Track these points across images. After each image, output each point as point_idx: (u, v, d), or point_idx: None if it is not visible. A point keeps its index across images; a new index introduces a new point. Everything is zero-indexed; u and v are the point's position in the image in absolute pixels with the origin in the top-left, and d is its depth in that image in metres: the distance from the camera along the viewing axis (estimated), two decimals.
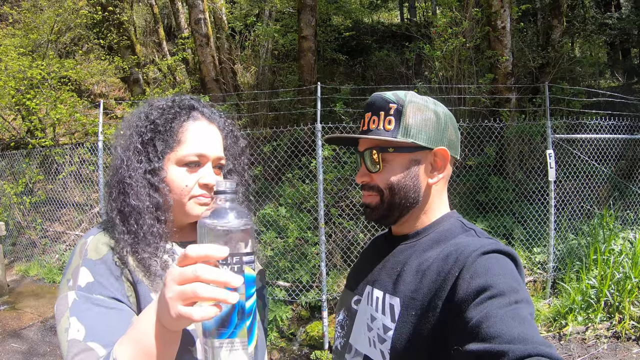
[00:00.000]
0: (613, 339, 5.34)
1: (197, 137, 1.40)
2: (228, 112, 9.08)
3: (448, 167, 1.39)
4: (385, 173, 1.35)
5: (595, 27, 13.97)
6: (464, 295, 1.09)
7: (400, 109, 1.34)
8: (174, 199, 1.38)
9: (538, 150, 7.80)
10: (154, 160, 1.35)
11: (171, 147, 1.37)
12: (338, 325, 1.51)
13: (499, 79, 8.98)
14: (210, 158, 1.41)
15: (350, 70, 14.82)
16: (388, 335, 1.25)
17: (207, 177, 1.40)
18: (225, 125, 1.55)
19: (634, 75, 13.97)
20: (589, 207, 7.37)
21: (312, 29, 10.31)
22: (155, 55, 14.79)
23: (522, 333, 0.94)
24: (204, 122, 1.45)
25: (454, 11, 9.20)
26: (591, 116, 7.67)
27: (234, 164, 1.58)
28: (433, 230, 1.37)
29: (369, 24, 18.63)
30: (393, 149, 1.34)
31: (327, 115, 9.00)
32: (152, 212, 1.34)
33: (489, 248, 1.17)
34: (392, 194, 1.34)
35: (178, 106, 1.43)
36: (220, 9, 11.95)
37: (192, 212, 1.40)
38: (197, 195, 1.39)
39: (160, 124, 1.38)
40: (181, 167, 1.37)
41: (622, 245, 6.16)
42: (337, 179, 7.69)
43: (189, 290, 0.89)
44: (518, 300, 1.04)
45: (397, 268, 1.34)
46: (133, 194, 1.33)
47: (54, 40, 12.33)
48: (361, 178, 1.40)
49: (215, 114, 1.53)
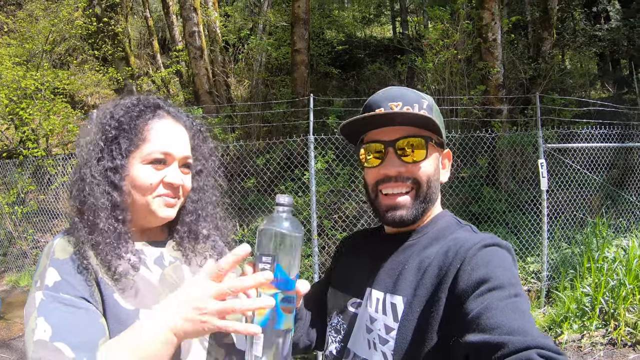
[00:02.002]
0: (609, 345, 5.32)
1: (163, 135, 1.38)
2: (221, 125, 9.09)
3: (449, 169, 1.42)
4: (426, 164, 1.31)
5: (585, 39, 14.15)
6: (465, 287, 1.09)
7: (431, 106, 1.35)
8: (139, 198, 1.36)
9: (530, 161, 7.83)
10: (117, 158, 1.32)
11: (136, 145, 1.35)
12: (332, 329, 1.45)
13: (490, 90, 9.04)
14: (176, 157, 1.39)
15: (343, 84, 14.90)
16: (391, 335, 1.22)
17: (171, 176, 1.38)
18: (193, 124, 1.53)
19: (624, 85, 14.09)
20: (582, 215, 7.37)
21: (305, 42, 10.38)
22: (150, 67, 14.83)
23: (522, 325, 0.96)
24: (170, 120, 1.43)
25: (445, 24, 9.28)
26: (582, 125, 7.71)
27: (203, 164, 1.56)
28: (431, 229, 1.36)
29: (362, 38, 18.80)
30: (434, 140, 1.33)
31: (319, 128, 9.02)
32: (109, 210, 1.31)
33: (489, 241, 1.19)
34: (429, 186, 1.31)
35: (143, 104, 1.41)
36: (214, 22, 12.01)
37: (159, 213, 1.38)
38: (162, 194, 1.37)
39: (125, 122, 1.36)
40: (146, 165, 1.35)
41: (616, 253, 6.15)
42: (330, 191, 7.68)
43: (229, 306, 1.03)
44: (517, 293, 1.05)
45: (397, 268, 1.31)
46: (91, 192, 1.30)
47: (49, 50, 12.32)
48: (396, 169, 1.29)
49: (182, 113, 1.51)
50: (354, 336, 1.36)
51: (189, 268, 1.49)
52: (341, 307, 1.44)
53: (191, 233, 1.52)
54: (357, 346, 1.33)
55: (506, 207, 7.61)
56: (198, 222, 1.54)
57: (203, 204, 1.55)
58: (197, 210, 1.53)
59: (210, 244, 1.60)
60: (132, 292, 1.30)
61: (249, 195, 8.31)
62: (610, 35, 14.01)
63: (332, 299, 1.51)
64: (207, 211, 1.57)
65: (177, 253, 1.50)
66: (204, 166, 1.56)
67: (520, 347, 0.90)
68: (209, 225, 1.58)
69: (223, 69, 11.55)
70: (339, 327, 1.42)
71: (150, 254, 1.42)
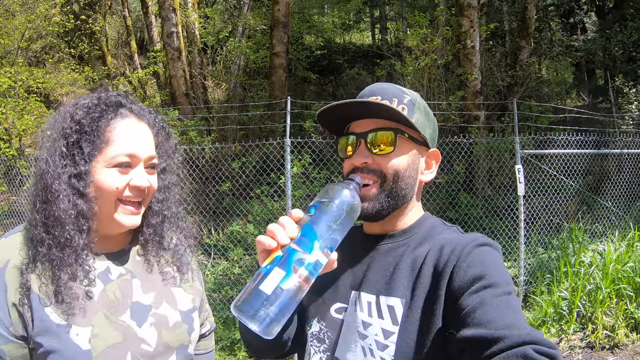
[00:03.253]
0: (587, 349, 5.37)
1: (127, 136, 1.32)
2: (197, 127, 8.95)
3: (435, 170, 1.39)
4: (394, 157, 1.27)
5: (561, 49, 14.40)
6: (460, 284, 1.10)
7: (414, 102, 1.32)
8: (103, 205, 1.29)
9: (507, 167, 7.87)
10: (80, 164, 1.25)
11: (99, 148, 1.28)
12: (314, 339, 1.34)
13: (468, 97, 9.09)
14: (141, 158, 1.32)
15: (321, 89, 14.92)
16: (391, 340, 1.17)
17: (138, 179, 1.31)
18: (156, 121, 1.45)
19: (599, 94, 14.36)
20: (558, 221, 7.42)
21: (284, 46, 10.33)
22: (127, 67, 14.61)
23: (515, 321, 0.98)
24: (133, 119, 1.36)
25: (425, 29, 9.30)
26: (559, 132, 7.78)
27: (167, 162, 1.49)
28: (419, 229, 1.34)
29: (341, 43, 18.86)
30: (408, 134, 1.29)
31: (296, 132, 8.94)
32: (74, 221, 1.25)
33: (482, 241, 1.20)
34: (396, 181, 1.27)
35: (104, 104, 1.34)
36: (193, 24, 11.89)
37: (121, 222, 1.32)
38: (126, 197, 1.30)
39: (86, 124, 1.28)
40: (111, 169, 1.28)
41: (592, 257, 6.23)
42: (306, 195, 7.58)
43: None
44: (510, 291, 1.08)
45: (388, 268, 1.27)
46: (56, 203, 1.23)
47: (25, 47, 12.04)
48: (362, 159, 1.27)
49: (145, 110, 1.43)
50: (342, 344, 1.27)
51: (140, 282, 1.41)
52: (323, 314, 1.35)
53: (156, 235, 1.45)
54: (347, 354, 1.24)
55: (483, 213, 7.62)
56: (163, 223, 1.47)
57: (169, 204, 1.49)
58: (162, 211, 1.47)
59: (174, 249, 1.52)
60: (68, 306, 1.23)
61: (224, 198, 8.17)
62: (586, 46, 14.28)
63: (311, 306, 1.40)
64: (172, 211, 1.50)
65: (132, 265, 1.43)
66: (168, 164, 1.49)
67: (516, 341, 0.92)
68: (173, 226, 1.51)
69: (201, 71, 11.43)
70: (323, 336, 1.32)
71: (97, 267, 1.35)
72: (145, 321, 1.36)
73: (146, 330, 1.34)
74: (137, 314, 1.35)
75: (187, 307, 1.49)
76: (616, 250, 6.15)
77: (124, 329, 1.30)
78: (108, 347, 1.25)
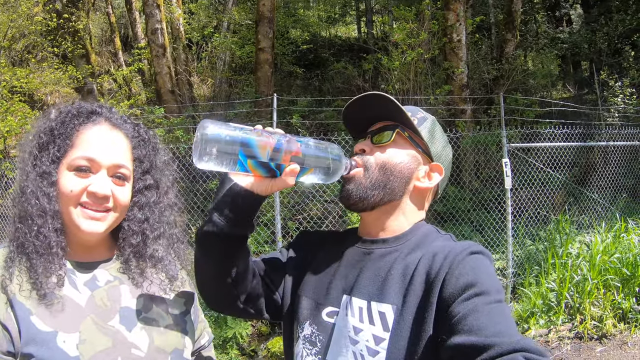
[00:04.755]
0: (576, 339, 5.44)
1: (91, 141, 1.30)
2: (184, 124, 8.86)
3: (435, 184, 1.39)
4: (387, 149, 1.34)
5: (547, 41, 14.47)
6: (452, 291, 1.10)
7: (426, 118, 1.41)
8: (63, 208, 1.27)
9: (494, 160, 7.90)
10: (44, 164, 1.27)
11: (64, 151, 1.29)
12: (306, 342, 1.33)
13: (454, 90, 9.10)
14: (102, 165, 1.29)
15: (307, 84, 14.87)
16: (382, 346, 1.17)
17: (96, 185, 1.27)
18: (139, 134, 1.41)
19: (585, 86, 14.45)
20: (545, 213, 7.48)
21: (269, 41, 10.26)
22: (111, 65, 14.44)
23: (507, 328, 0.99)
24: (105, 126, 1.34)
25: (411, 24, 9.29)
26: (545, 125, 7.82)
27: (154, 178, 1.43)
28: (412, 236, 1.34)
29: (327, 37, 18.80)
30: (408, 134, 1.35)
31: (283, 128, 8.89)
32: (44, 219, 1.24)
33: (474, 249, 1.20)
34: (382, 172, 1.31)
35: (78, 110, 1.35)
36: (178, 20, 11.79)
37: (81, 226, 1.27)
38: (84, 204, 1.27)
39: (56, 128, 1.31)
40: (70, 172, 1.28)
41: (579, 249, 6.29)
42: (294, 191, 7.55)
43: None
44: (501, 299, 1.08)
45: (380, 274, 1.27)
46: (26, 200, 1.25)
47: (7, 47, 11.85)
48: (360, 145, 1.37)
49: (128, 122, 1.40)
50: (334, 348, 1.27)
51: (129, 288, 1.37)
52: (314, 317, 1.34)
53: (137, 256, 1.40)
54: (339, 359, 1.24)
55: (470, 206, 7.65)
56: (146, 244, 1.41)
57: (153, 224, 1.42)
58: (144, 231, 1.40)
59: (163, 267, 1.45)
60: (53, 313, 1.20)
61: (212, 197, 8.10)
62: (571, 38, 14.35)
63: (304, 308, 1.39)
64: (160, 232, 1.43)
65: (119, 273, 1.39)
66: (155, 181, 1.43)
67: (507, 349, 0.92)
68: (162, 248, 1.44)
69: (186, 68, 11.33)
70: (314, 339, 1.31)
71: (82, 275, 1.32)
72: (135, 325, 1.32)
73: (137, 335, 1.31)
74: (126, 318, 1.32)
75: (178, 310, 1.46)
76: (603, 241, 6.21)
77: (113, 334, 1.27)
78: (97, 353, 1.22)
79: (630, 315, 5.55)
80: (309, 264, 1.48)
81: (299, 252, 1.53)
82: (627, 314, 5.56)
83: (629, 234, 6.48)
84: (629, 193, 8.41)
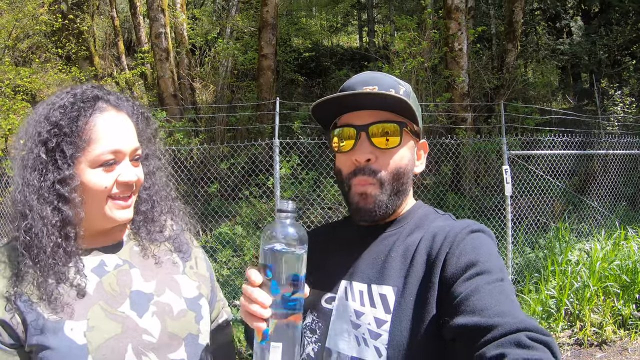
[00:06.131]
0: (576, 346, 5.41)
1: (109, 131, 1.25)
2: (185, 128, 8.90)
3: (424, 161, 1.38)
4: (397, 152, 1.25)
5: (547, 52, 14.54)
6: (453, 271, 1.10)
7: (409, 93, 1.30)
8: (93, 205, 1.25)
9: (494, 167, 7.92)
10: (63, 168, 1.20)
11: (81, 148, 1.22)
12: (307, 330, 1.32)
13: (455, 99, 9.14)
14: (126, 153, 1.28)
15: (309, 91, 14.93)
16: (384, 328, 1.16)
17: (125, 174, 1.27)
18: (135, 109, 1.40)
19: (585, 97, 14.51)
20: (545, 220, 7.48)
21: (272, 47, 10.32)
22: (114, 68, 14.51)
23: (509, 308, 0.98)
24: (112, 112, 1.30)
25: (412, 32, 9.35)
26: (545, 133, 7.84)
27: (149, 148, 1.45)
28: (411, 218, 1.32)
29: (329, 46, 18.90)
30: (409, 128, 1.27)
31: (284, 134, 8.93)
32: (59, 230, 1.20)
33: (475, 227, 1.19)
34: (397, 178, 1.25)
35: (81, 100, 1.27)
36: (181, 25, 11.85)
37: (114, 216, 1.28)
38: (115, 195, 1.27)
39: (65, 125, 1.22)
40: (96, 169, 1.23)
41: (579, 256, 6.28)
42: (294, 196, 7.57)
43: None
44: (504, 278, 1.07)
45: (380, 257, 1.26)
46: (39, 214, 1.18)
47: (12, 46, 11.86)
48: (365, 155, 1.22)
49: (122, 99, 1.38)
50: (332, 334, 1.26)
51: (140, 271, 1.36)
52: (314, 305, 1.33)
53: (147, 221, 1.42)
54: (340, 344, 1.23)
55: (470, 213, 7.65)
56: (154, 208, 1.44)
57: (156, 189, 1.45)
58: (151, 197, 1.44)
59: (168, 232, 1.48)
60: (59, 302, 1.19)
61: (212, 200, 8.12)
62: (572, 50, 14.44)
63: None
64: (160, 195, 1.47)
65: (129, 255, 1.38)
66: (150, 149, 1.45)
67: (509, 329, 0.92)
68: (164, 210, 1.47)
69: (189, 72, 11.37)
70: (314, 327, 1.31)
71: (89, 262, 1.29)
72: (147, 311, 1.29)
73: (148, 320, 1.28)
74: (137, 303, 1.29)
75: (192, 294, 1.42)
76: (603, 248, 6.21)
77: (122, 320, 1.24)
78: (106, 340, 1.19)
79: (630, 321, 5.55)
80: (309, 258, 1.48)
81: None
82: (627, 321, 5.56)
83: (628, 241, 6.48)
84: (628, 201, 8.44)
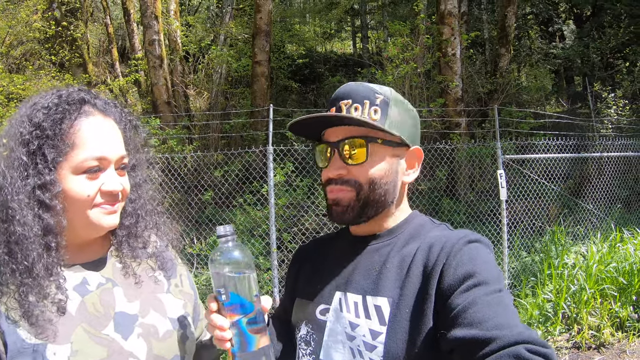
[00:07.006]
0: (574, 349, 5.39)
1: (94, 137, 1.18)
2: (179, 136, 8.87)
3: (418, 168, 1.35)
4: (368, 166, 1.24)
5: (540, 56, 14.63)
6: (451, 282, 1.09)
7: (387, 101, 1.27)
8: (75, 214, 1.17)
9: (489, 172, 7.92)
10: (44, 173, 1.13)
11: (64, 153, 1.15)
12: (302, 342, 1.32)
13: (449, 104, 9.16)
14: (112, 160, 1.20)
15: (303, 98, 14.98)
16: (379, 340, 1.15)
17: (109, 183, 1.19)
18: (123, 116, 1.32)
19: (578, 100, 14.59)
20: (541, 224, 7.48)
21: (266, 54, 10.32)
22: (108, 75, 14.47)
23: (508, 319, 0.97)
24: (99, 117, 1.22)
25: (405, 38, 9.37)
26: (539, 137, 7.85)
27: (136, 158, 1.37)
28: (406, 228, 1.31)
29: (322, 52, 18.95)
30: (381, 140, 1.25)
31: (278, 141, 8.91)
32: (41, 239, 1.13)
33: (472, 237, 1.18)
34: (372, 189, 1.24)
35: (66, 102, 1.20)
36: (175, 32, 11.86)
37: (102, 223, 1.21)
38: (101, 204, 1.19)
39: (48, 127, 1.15)
40: (79, 175, 1.16)
41: (575, 259, 6.27)
42: (289, 203, 7.54)
43: None
44: (502, 288, 1.06)
45: (375, 268, 1.25)
46: (20, 220, 1.11)
47: (5, 53, 11.81)
48: (337, 171, 1.24)
49: (110, 104, 1.30)
50: (326, 345, 1.25)
51: (123, 290, 1.28)
52: (309, 317, 1.33)
53: (130, 236, 1.34)
54: (335, 356, 1.22)
55: (466, 218, 7.65)
56: (138, 223, 1.36)
57: (142, 202, 1.38)
58: (136, 211, 1.36)
59: (152, 249, 1.41)
60: (41, 323, 1.11)
61: (207, 208, 8.08)
62: (564, 53, 14.54)
63: (299, 310, 1.38)
64: (146, 209, 1.39)
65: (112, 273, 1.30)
66: (138, 160, 1.38)
67: (508, 341, 0.91)
68: (149, 225, 1.40)
69: (182, 79, 11.38)
70: (309, 338, 1.30)
71: (71, 279, 1.22)
72: (132, 333, 1.23)
73: (134, 343, 1.22)
74: (121, 325, 1.23)
75: (178, 313, 1.36)
76: (599, 251, 6.20)
77: (107, 343, 1.17)
78: None
79: (627, 323, 5.53)
80: (304, 271, 1.47)
81: (294, 267, 1.52)
82: (625, 323, 5.54)
83: (624, 243, 6.48)
84: (623, 203, 8.46)
